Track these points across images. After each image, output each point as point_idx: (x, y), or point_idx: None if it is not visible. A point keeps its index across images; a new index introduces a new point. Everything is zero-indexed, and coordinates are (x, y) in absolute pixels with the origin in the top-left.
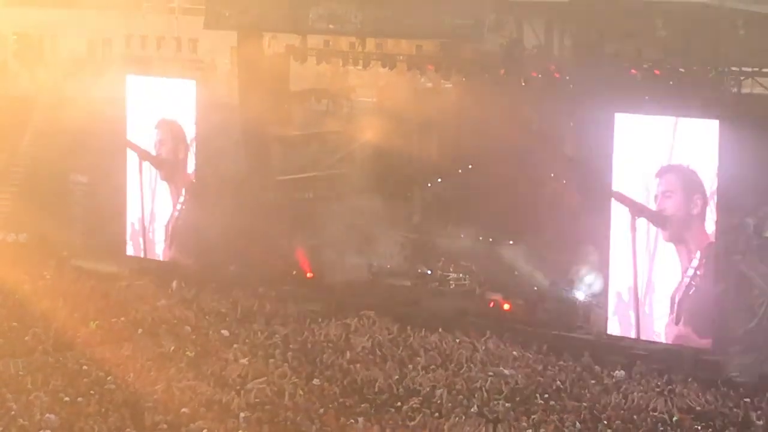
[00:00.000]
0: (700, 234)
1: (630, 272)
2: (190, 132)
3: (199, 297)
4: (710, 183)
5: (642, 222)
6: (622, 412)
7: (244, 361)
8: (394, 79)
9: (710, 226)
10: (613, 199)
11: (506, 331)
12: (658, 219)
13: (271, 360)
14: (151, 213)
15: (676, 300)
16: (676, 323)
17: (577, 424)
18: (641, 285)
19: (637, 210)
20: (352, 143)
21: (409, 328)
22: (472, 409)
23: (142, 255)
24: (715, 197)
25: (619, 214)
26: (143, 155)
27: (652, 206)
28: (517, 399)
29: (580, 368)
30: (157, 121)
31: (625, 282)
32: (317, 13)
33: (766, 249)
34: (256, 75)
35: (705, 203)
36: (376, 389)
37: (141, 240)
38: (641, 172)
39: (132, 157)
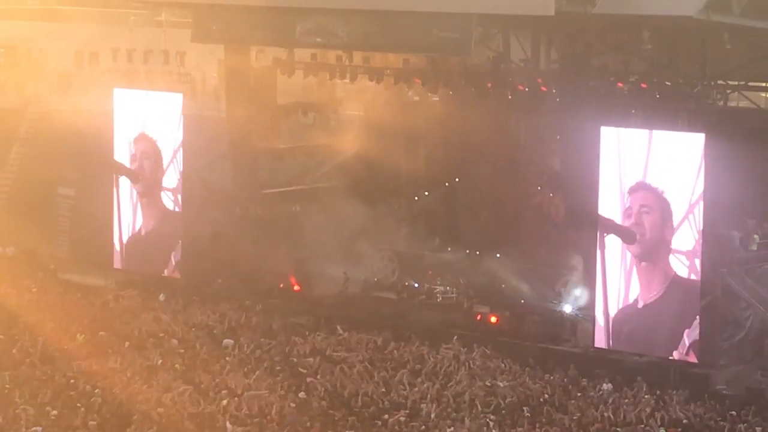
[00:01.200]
0: (665, 266)
1: (600, 295)
2: (168, 149)
3: (186, 310)
4: (681, 209)
5: (613, 240)
6: (608, 425)
7: (232, 374)
8: (381, 92)
9: (675, 262)
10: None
11: (493, 344)
12: (628, 235)
13: (258, 373)
14: (132, 226)
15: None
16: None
17: None
18: (612, 307)
19: (606, 226)
20: (339, 156)
21: (396, 340)
22: (458, 422)
23: (129, 268)
24: (694, 220)
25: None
26: (120, 171)
27: (623, 222)
28: (504, 411)
29: (567, 381)
30: (137, 134)
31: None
32: (304, 27)
33: (752, 262)
34: (244, 88)
35: (673, 232)
36: (363, 402)
37: (123, 253)
38: (618, 186)
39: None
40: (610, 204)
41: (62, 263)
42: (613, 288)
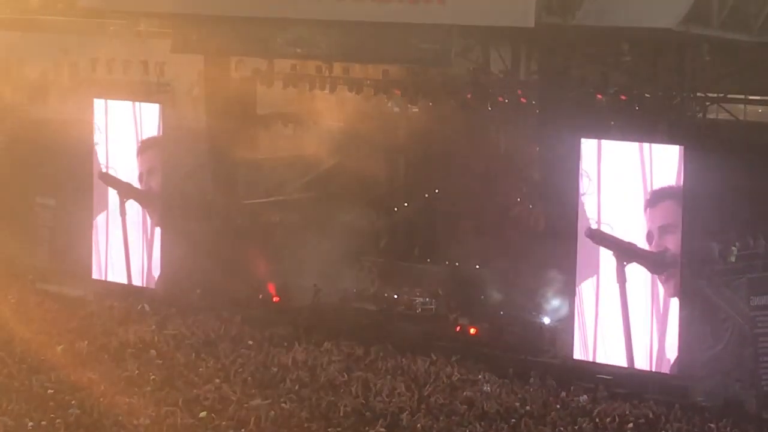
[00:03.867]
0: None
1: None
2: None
3: (164, 321)
4: None
5: (636, 270)
6: None
7: (210, 386)
8: (360, 103)
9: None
10: (588, 238)
11: (473, 355)
12: (658, 264)
13: (237, 384)
14: (125, 242)
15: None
16: None
17: None
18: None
19: (625, 252)
20: (318, 167)
21: (375, 351)
22: None
23: (108, 278)
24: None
25: (590, 247)
26: (125, 192)
27: (644, 245)
28: (484, 423)
29: (546, 392)
30: (140, 143)
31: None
32: (284, 38)
33: (731, 274)
34: (223, 99)
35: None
36: (342, 413)
37: (107, 265)
38: (625, 201)
39: (100, 187)
40: (618, 227)
41: (41, 273)
42: (642, 335)
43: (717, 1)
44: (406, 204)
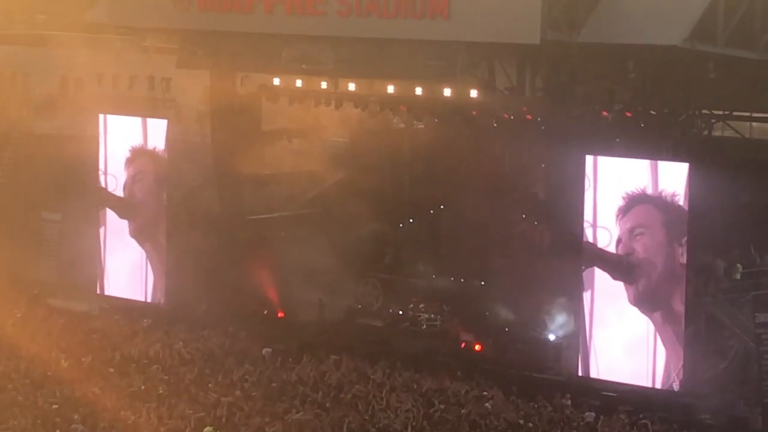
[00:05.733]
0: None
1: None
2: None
3: (170, 336)
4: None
5: (602, 277)
6: None
7: (214, 401)
8: (366, 119)
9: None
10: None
11: (477, 372)
12: (619, 268)
13: (242, 399)
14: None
15: None
16: None
17: None
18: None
19: (591, 256)
20: (323, 183)
21: (380, 368)
22: None
23: (113, 293)
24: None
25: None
26: (106, 201)
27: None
28: None
29: (551, 409)
30: (129, 153)
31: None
32: (290, 54)
33: (736, 291)
34: (229, 114)
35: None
36: (346, 430)
37: (110, 280)
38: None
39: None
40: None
41: (46, 288)
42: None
43: (722, 18)
44: (411, 220)
